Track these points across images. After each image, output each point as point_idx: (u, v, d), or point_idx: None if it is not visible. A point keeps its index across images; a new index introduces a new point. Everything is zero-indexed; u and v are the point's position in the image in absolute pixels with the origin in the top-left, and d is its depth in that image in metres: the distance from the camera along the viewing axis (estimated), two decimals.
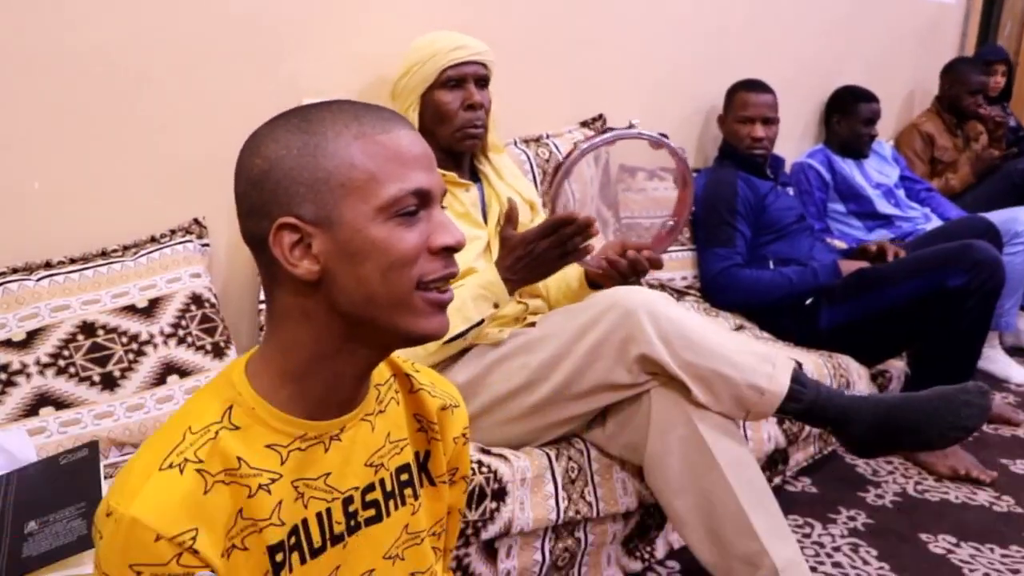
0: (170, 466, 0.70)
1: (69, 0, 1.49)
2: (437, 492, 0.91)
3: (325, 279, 0.74)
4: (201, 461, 0.71)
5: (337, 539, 0.81)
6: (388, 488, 0.85)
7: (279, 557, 0.76)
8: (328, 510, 0.80)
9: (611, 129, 1.56)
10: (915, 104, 4.03)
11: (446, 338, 1.47)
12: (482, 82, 1.69)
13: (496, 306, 1.48)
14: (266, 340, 0.79)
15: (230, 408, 0.75)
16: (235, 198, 0.76)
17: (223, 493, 0.72)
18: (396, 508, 0.85)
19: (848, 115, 3.09)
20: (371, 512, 0.83)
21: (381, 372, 0.87)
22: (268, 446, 0.76)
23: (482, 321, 1.49)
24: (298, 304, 0.76)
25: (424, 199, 0.75)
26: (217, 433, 0.73)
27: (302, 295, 0.75)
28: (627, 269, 1.53)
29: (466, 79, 1.66)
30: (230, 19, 1.69)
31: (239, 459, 0.73)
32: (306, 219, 0.73)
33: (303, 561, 0.78)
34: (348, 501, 0.81)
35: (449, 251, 0.76)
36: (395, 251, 0.73)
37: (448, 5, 2.06)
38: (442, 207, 0.78)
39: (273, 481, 0.75)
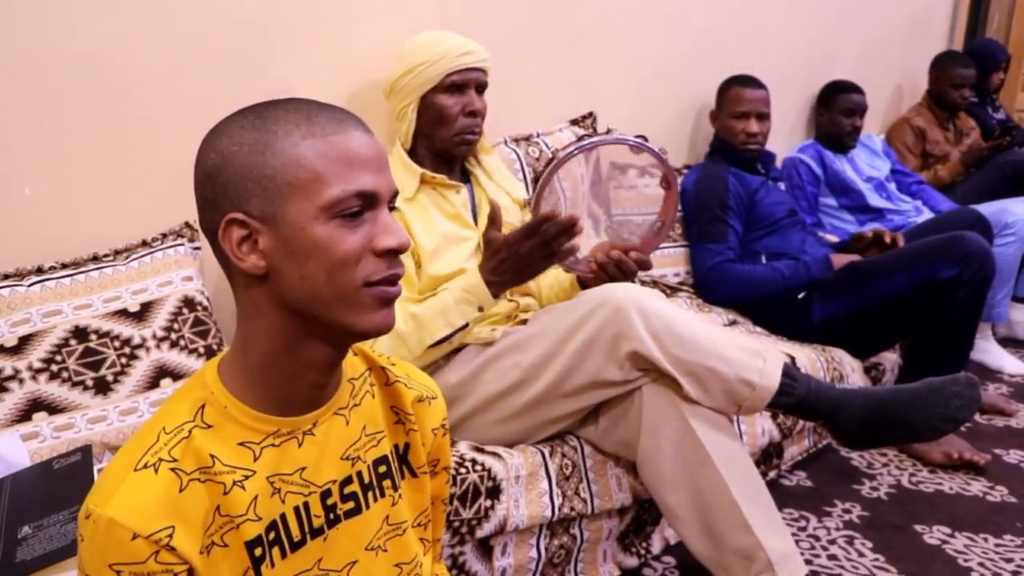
0: (145, 466, 0.72)
1: (59, 5, 1.49)
2: (419, 483, 0.92)
3: (272, 274, 0.75)
4: (175, 460, 0.73)
5: (317, 532, 0.82)
6: (366, 480, 0.86)
7: (258, 552, 0.77)
8: (306, 504, 0.81)
9: (590, 136, 1.57)
10: (905, 97, 4.04)
11: (431, 342, 1.48)
12: (481, 88, 1.70)
13: (481, 309, 1.49)
14: (234, 337, 0.80)
15: (202, 407, 0.77)
16: (194, 189, 0.77)
17: (199, 491, 0.73)
18: (375, 500, 0.86)
19: (829, 107, 3.11)
20: (350, 504, 0.84)
21: (355, 366, 0.88)
22: (241, 443, 0.77)
23: (466, 325, 1.49)
24: (250, 298, 0.77)
25: (369, 201, 0.75)
26: (190, 432, 0.75)
27: (252, 288, 0.76)
28: (615, 271, 1.54)
29: (469, 84, 1.67)
30: (220, 23, 1.69)
31: (212, 457, 0.75)
32: (253, 215, 0.73)
33: (284, 555, 0.79)
34: (326, 494, 0.82)
35: (393, 253, 0.76)
36: (336, 251, 0.73)
37: (437, 4, 2.06)
38: (393, 208, 0.79)
39: (247, 478, 0.76)
